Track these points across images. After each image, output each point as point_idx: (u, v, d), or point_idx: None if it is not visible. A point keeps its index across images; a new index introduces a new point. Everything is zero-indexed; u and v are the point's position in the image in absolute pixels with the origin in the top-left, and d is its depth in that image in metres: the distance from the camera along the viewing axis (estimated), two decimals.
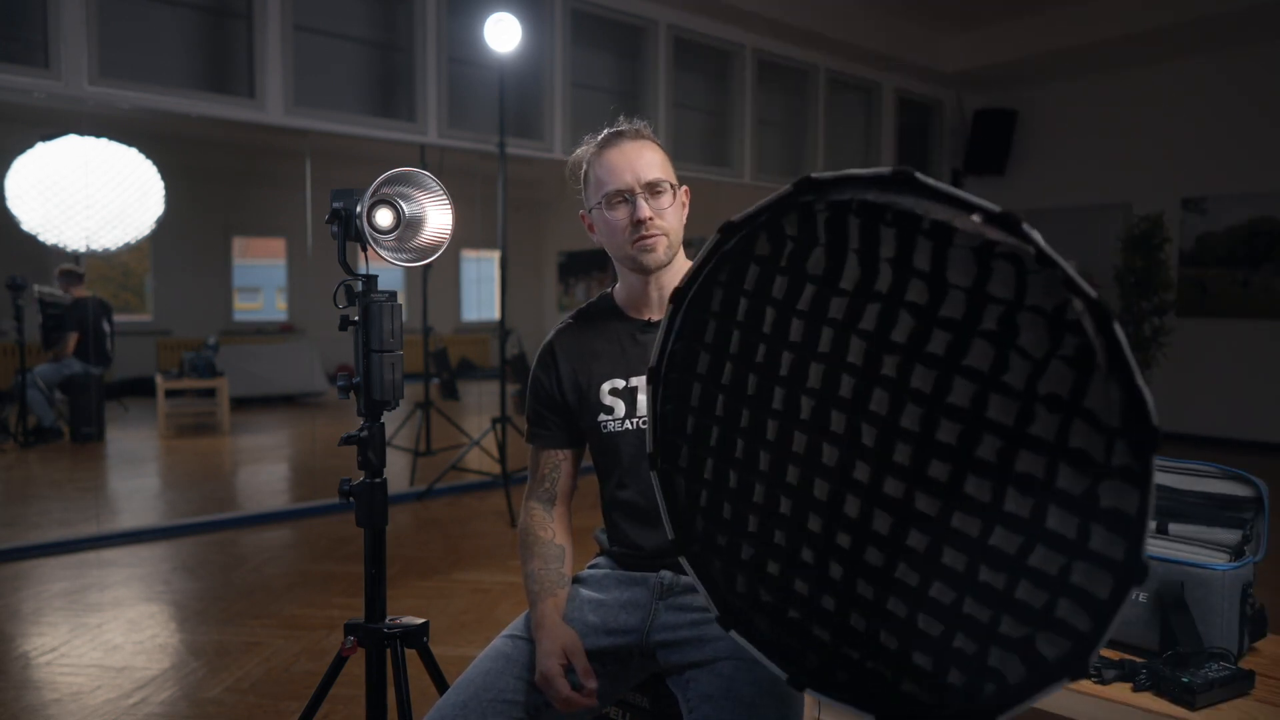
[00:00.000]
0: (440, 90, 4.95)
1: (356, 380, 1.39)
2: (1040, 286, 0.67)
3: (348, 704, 2.34)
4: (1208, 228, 6.71)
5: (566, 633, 1.28)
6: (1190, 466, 1.84)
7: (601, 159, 1.37)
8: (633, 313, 1.44)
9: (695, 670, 1.25)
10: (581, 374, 1.42)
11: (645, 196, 1.34)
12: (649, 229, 1.33)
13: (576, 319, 1.49)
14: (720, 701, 1.17)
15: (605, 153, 1.37)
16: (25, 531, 4.05)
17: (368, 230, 1.30)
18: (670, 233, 1.36)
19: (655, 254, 1.35)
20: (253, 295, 7.47)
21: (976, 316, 0.70)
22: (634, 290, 1.43)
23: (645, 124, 1.42)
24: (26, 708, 2.36)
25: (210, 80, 4.54)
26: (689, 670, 1.26)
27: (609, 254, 1.42)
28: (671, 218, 1.37)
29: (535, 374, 1.47)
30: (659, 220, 1.34)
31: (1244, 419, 6.55)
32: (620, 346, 1.42)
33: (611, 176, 1.35)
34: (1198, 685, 1.40)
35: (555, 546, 1.40)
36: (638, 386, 1.38)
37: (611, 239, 1.38)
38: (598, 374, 1.41)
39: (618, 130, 1.39)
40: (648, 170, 1.35)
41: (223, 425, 6.13)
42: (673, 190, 1.38)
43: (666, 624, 1.33)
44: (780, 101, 6.97)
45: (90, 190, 4.46)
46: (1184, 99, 6.79)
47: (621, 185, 1.34)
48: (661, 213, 1.35)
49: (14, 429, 5.07)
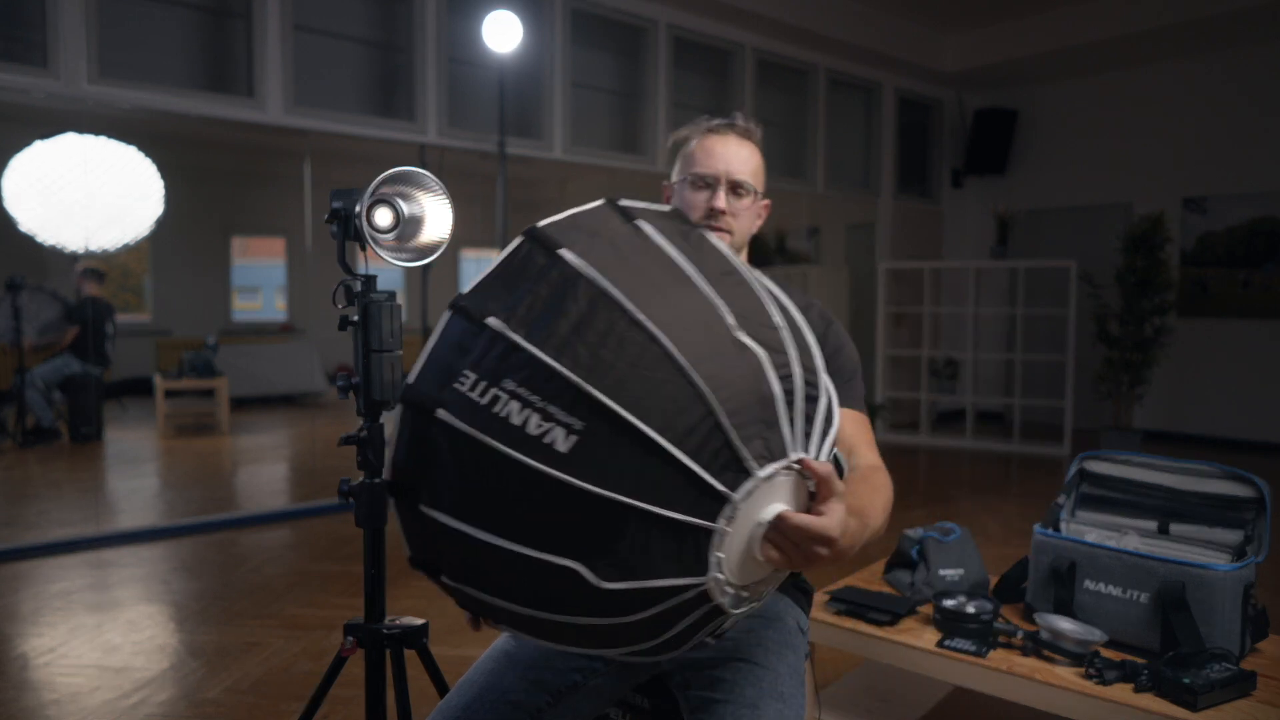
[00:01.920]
0: (440, 90, 4.94)
1: (356, 380, 1.38)
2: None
3: (348, 704, 2.33)
4: (1208, 228, 6.71)
5: None
6: (1191, 466, 1.84)
7: (703, 141, 1.40)
8: None
9: (696, 671, 1.25)
10: None
11: (727, 190, 1.36)
12: (720, 221, 1.36)
13: None
14: (721, 702, 1.17)
15: (708, 137, 1.40)
16: (24, 531, 4.04)
17: (367, 230, 1.30)
18: (738, 233, 1.39)
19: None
20: (252, 295, 7.46)
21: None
22: None
23: (758, 128, 1.44)
24: (25, 708, 2.36)
25: (210, 80, 4.54)
26: (690, 671, 1.26)
27: None
28: (744, 220, 1.39)
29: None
30: (731, 217, 1.37)
31: (1244, 419, 6.55)
32: None
33: (705, 160, 1.38)
34: (1199, 686, 1.39)
35: None
36: None
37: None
38: None
39: (730, 121, 1.41)
40: (740, 167, 1.37)
41: (222, 425, 6.12)
42: (755, 196, 1.40)
43: None
44: (780, 101, 6.96)
45: (89, 190, 4.45)
46: (1184, 99, 6.79)
47: (709, 171, 1.37)
48: (737, 212, 1.37)
49: (13, 429, 5.06)
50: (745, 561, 0.84)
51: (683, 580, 0.80)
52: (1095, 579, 1.74)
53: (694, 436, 0.79)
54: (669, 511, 0.78)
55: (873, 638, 1.84)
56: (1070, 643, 1.62)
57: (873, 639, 1.84)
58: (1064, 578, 1.77)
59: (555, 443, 0.78)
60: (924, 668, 1.77)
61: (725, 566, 0.82)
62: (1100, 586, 1.73)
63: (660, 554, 0.80)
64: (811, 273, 7.12)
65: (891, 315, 7.04)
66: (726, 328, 0.86)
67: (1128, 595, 1.69)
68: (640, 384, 0.79)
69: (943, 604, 1.81)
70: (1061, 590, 1.78)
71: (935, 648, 1.74)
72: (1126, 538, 1.85)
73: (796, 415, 0.87)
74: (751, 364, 0.85)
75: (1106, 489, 1.93)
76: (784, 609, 1.34)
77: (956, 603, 1.81)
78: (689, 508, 0.79)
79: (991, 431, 7.10)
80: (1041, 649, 1.65)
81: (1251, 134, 6.47)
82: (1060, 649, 1.62)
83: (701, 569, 0.81)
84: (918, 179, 7.98)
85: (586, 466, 0.78)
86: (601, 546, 0.79)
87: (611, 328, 0.82)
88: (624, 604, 0.81)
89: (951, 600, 1.82)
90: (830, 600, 1.97)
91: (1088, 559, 1.76)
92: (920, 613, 1.92)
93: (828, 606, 1.95)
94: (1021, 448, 6.49)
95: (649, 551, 0.79)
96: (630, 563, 0.80)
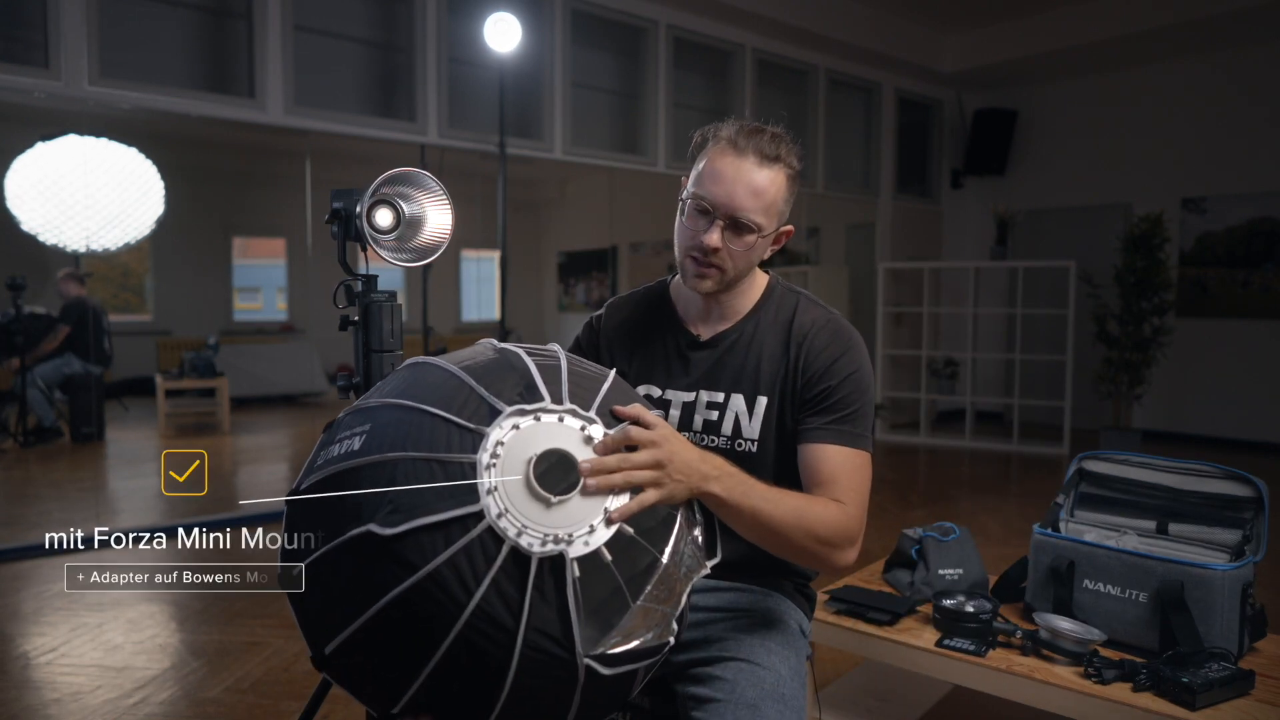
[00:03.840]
0: (440, 90, 4.95)
1: (356, 380, 1.39)
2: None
3: (348, 704, 2.34)
4: (1208, 228, 6.71)
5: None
6: (1190, 466, 1.84)
7: (721, 158, 1.22)
8: (684, 318, 1.38)
9: (697, 670, 1.25)
10: (621, 363, 1.39)
11: (724, 226, 1.22)
12: (707, 258, 1.24)
13: (631, 304, 1.44)
14: (722, 703, 1.17)
15: (727, 155, 1.22)
16: (25, 531, 4.05)
17: (367, 230, 1.30)
18: (730, 272, 1.26)
19: (701, 283, 1.27)
20: (253, 295, 7.47)
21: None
22: (692, 292, 1.34)
23: (792, 145, 1.25)
24: (26, 708, 2.36)
25: (210, 80, 4.54)
26: (691, 670, 1.26)
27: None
28: (740, 259, 1.25)
29: (580, 337, 1.46)
30: (722, 256, 1.24)
31: (1244, 419, 6.56)
32: (665, 353, 1.37)
33: (713, 185, 1.22)
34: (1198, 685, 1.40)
35: None
36: (671, 401, 1.34)
37: (678, 236, 1.29)
38: (636, 372, 1.38)
39: (758, 131, 1.23)
40: (747, 201, 1.21)
41: (223, 425, 6.12)
42: (759, 236, 1.23)
43: None
44: (780, 101, 6.96)
45: (90, 190, 4.46)
46: (1184, 99, 6.80)
47: (711, 199, 1.22)
48: (733, 253, 1.24)
49: (14, 429, 5.07)
50: (531, 495, 0.88)
51: (459, 510, 0.85)
52: (1094, 578, 1.74)
53: (454, 401, 0.92)
54: (432, 454, 0.88)
55: (872, 637, 1.84)
56: (1069, 642, 1.62)
57: (872, 638, 1.84)
58: (1063, 577, 1.78)
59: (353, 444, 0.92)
60: (923, 667, 1.77)
61: (503, 494, 0.86)
62: (1099, 586, 1.73)
63: (433, 495, 0.86)
64: (811, 273, 7.13)
65: (891, 315, 7.04)
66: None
67: (1127, 595, 1.69)
68: (417, 386, 0.96)
69: (942, 603, 1.81)
70: (1060, 590, 1.78)
71: (935, 647, 1.74)
72: (1125, 537, 1.85)
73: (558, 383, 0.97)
74: (509, 354, 1.01)
75: (1105, 489, 1.93)
76: (786, 611, 1.34)
77: (956, 602, 1.81)
78: (447, 449, 0.88)
79: (991, 431, 7.10)
80: (1040, 648, 1.65)
81: (1251, 134, 6.47)
82: (1059, 648, 1.63)
83: (473, 498, 0.86)
84: (917, 179, 7.99)
85: (371, 450, 0.90)
86: (380, 500, 0.86)
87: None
88: (414, 551, 0.84)
89: (951, 600, 1.82)
90: (830, 600, 1.97)
91: (1087, 558, 1.76)
92: (920, 612, 1.92)
93: (827, 606, 1.96)
94: (1021, 447, 6.49)
95: (423, 494, 0.86)
96: (407, 504, 0.86)
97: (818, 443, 1.23)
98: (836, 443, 1.22)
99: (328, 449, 0.95)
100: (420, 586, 0.84)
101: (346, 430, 0.95)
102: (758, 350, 1.31)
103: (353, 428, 0.94)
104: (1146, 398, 6.54)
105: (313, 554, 0.90)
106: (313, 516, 0.92)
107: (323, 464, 0.94)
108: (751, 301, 1.35)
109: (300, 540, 0.92)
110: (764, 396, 1.29)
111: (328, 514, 0.90)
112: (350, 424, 0.96)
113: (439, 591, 0.84)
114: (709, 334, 1.35)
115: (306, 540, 0.91)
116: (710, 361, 1.33)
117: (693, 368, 1.34)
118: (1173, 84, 6.85)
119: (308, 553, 0.91)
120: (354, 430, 0.94)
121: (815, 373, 1.26)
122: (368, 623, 0.86)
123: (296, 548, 0.92)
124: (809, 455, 1.23)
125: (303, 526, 0.92)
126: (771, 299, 1.35)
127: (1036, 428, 6.87)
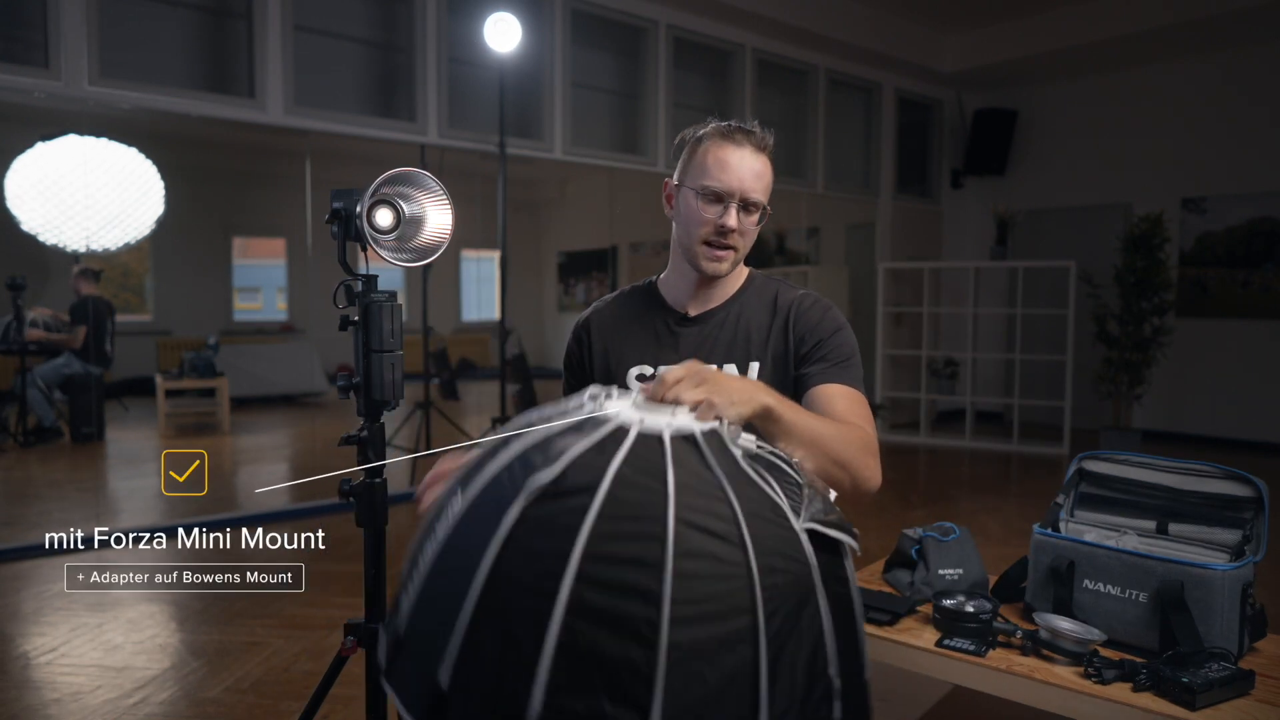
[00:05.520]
0: (440, 90, 4.95)
1: (356, 380, 1.39)
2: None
3: (348, 704, 2.34)
4: (1208, 228, 6.71)
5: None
6: (1190, 466, 1.84)
7: (721, 150, 1.36)
8: (674, 303, 1.46)
9: None
10: (613, 354, 1.45)
11: (740, 209, 1.35)
12: (728, 240, 1.36)
13: (616, 299, 1.52)
14: None
15: (726, 146, 1.36)
16: (25, 531, 4.04)
17: (368, 230, 1.30)
18: (742, 249, 1.39)
19: (719, 265, 1.38)
20: (253, 295, 7.46)
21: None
22: (683, 280, 1.45)
23: (771, 135, 1.42)
24: (26, 708, 2.36)
25: (210, 80, 4.54)
26: None
27: (674, 235, 1.44)
28: (749, 236, 1.39)
29: (569, 346, 1.51)
30: (738, 236, 1.37)
31: (1244, 419, 6.55)
32: (654, 333, 1.44)
33: (721, 173, 1.35)
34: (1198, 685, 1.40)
35: None
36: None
37: (687, 227, 1.39)
38: (627, 357, 1.44)
39: (749, 130, 1.39)
40: (754, 185, 1.36)
41: (223, 425, 6.12)
42: (763, 215, 1.39)
43: None
44: (780, 101, 6.96)
45: (90, 190, 4.46)
46: (1184, 99, 6.79)
47: (725, 188, 1.34)
48: (745, 230, 1.37)
49: (14, 429, 5.07)
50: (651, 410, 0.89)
51: (603, 430, 0.83)
52: (1094, 578, 1.74)
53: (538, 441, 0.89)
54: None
55: (872, 637, 1.84)
56: (1069, 642, 1.62)
57: (872, 638, 1.84)
58: (1063, 577, 1.78)
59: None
60: (923, 667, 1.77)
61: (630, 413, 0.86)
62: (1099, 586, 1.73)
63: (572, 435, 0.84)
64: (811, 273, 7.13)
65: (891, 315, 7.04)
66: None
67: (1126, 595, 1.69)
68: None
69: (942, 603, 1.81)
70: (1060, 590, 1.78)
71: (934, 647, 1.74)
72: (1125, 537, 1.85)
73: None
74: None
75: (1105, 489, 1.93)
76: None
77: (956, 602, 1.81)
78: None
79: (991, 431, 7.10)
80: (1040, 648, 1.65)
81: (1251, 134, 6.47)
82: (1059, 648, 1.62)
83: (606, 423, 0.85)
84: (917, 179, 7.99)
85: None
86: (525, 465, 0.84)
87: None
88: (583, 473, 0.79)
89: (951, 600, 1.82)
90: None
91: (1087, 558, 1.76)
92: (919, 612, 1.92)
93: None
94: (1021, 447, 6.49)
95: (563, 438, 0.84)
96: (556, 451, 0.82)
97: (823, 384, 1.32)
98: (841, 382, 1.32)
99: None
100: (613, 495, 0.76)
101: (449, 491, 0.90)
102: (746, 322, 1.42)
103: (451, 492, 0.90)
104: (1146, 398, 6.54)
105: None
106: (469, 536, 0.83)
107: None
108: (736, 286, 1.46)
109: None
110: (755, 362, 1.38)
111: (483, 516, 0.81)
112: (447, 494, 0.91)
113: (632, 491, 0.77)
114: (697, 312, 1.44)
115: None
116: (700, 336, 1.42)
117: (683, 344, 1.42)
118: (1173, 84, 6.85)
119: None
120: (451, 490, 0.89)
121: (807, 329, 1.38)
122: (587, 555, 0.74)
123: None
124: (817, 397, 1.31)
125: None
126: (753, 284, 1.47)
127: (1036, 428, 6.87)
